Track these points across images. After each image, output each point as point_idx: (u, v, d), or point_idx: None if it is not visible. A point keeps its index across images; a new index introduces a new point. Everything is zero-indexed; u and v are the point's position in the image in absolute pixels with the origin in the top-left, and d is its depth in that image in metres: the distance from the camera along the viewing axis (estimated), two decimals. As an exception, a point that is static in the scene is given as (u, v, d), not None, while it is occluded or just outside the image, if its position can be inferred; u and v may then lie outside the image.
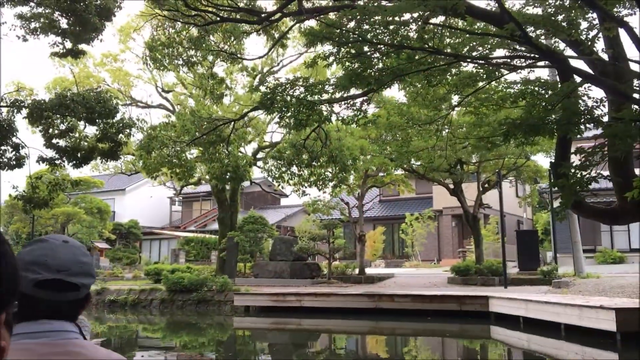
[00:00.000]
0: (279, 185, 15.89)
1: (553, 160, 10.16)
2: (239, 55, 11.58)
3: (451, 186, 21.22)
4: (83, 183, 27.87)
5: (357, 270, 22.04)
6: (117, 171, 23.58)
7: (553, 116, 8.00)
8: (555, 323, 10.87)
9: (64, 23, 12.33)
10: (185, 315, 17.91)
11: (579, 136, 10.19)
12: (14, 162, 10.81)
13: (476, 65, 9.43)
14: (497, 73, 9.20)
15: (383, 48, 8.70)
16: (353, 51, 8.86)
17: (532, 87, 8.97)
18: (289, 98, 8.79)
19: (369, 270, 23.98)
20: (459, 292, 15.17)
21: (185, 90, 20.80)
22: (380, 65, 9.37)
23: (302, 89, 8.80)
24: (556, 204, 23.47)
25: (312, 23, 11.53)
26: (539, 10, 9.36)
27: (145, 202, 42.87)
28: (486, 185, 21.63)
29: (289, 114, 8.83)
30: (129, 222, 36.47)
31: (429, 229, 30.94)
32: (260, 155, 22.77)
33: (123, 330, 16.76)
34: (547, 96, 8.36)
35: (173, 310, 18.58)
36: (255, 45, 47.49)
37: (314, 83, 8.83)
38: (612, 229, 27.02)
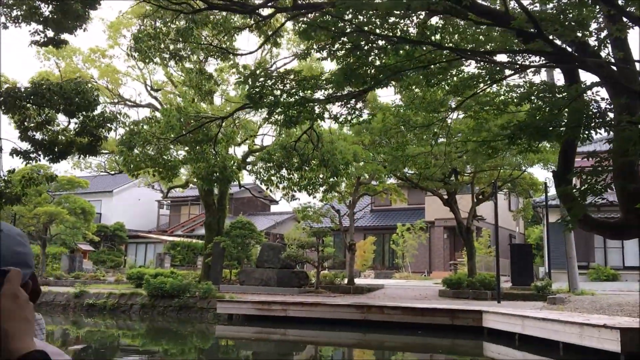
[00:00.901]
0: (267, 188, 15.29)
1: (556, 170, 9.64)
2: (229, 50, 11.02)
3: (445, 196, 20.71)
4: (59, 179, 27.25)
5: (346, 280, 21.44)
6: (100, 170, 22.89)
7: (560, 119, 7.49)
8: (553, 341, 10.31)
9: (46, 10, 11.75)
10: (165, 322, 17.22)
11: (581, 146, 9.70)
12: (-14, 155, 10.18)
13: (478, 65, 8.93)
14: (499, 75, 8.70)
15: (381, 43, 8.18)
16: (349, 45, 8.34)
17: (537, 89, 8.48)
18: (278, 93, 8.24)
19: (358, 281, 23.39)
20: (451, 306, 14.60)
21: (175, 90, 20.21)
22: (378, 62, 8.86)
23: (293, 84, 8.26)
24: (552, 218, 23.12)
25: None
26: (545, 9, 8.89)
27: (132, 204, 42.14)
28: (480, 197, 21.12)
29: (279, 109, 8.28)
30: (115, 224, 35.69)
31: (420, 240, 30.42)
32: (251, 159, 22.18)
33: (101, 335, 16.05)
34: (553, 99, 7.84)
35: (153, 316, 17.87)
36: (247, 43, 47.02)
37: (306, 77, 8.28)
38: (605, 245, 26.64)
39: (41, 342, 1.19)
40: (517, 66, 8.31)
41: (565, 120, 7.07)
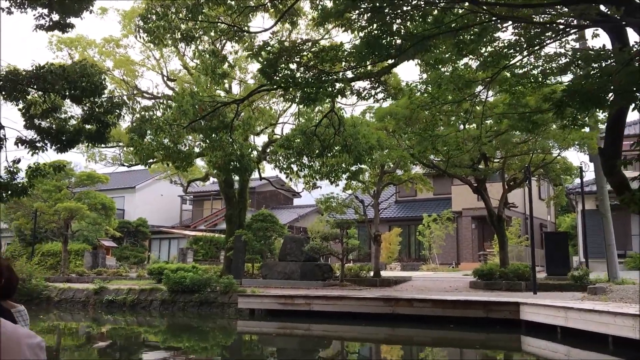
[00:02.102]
0: (287, 177, 14.59)
1: (602, 147, 8.73)
2: (242, 29, 10.31)
3: (474, 184, 19.81)
4: (79, 174, 26.95)
5: (371, 273, 20.69)
6: (115, 161, 22.44)
7: (611, 86, 6.62)
8: (601, 335, 9.44)
9: (51, -7, 11.18)
10: (186, 318, 16.68)
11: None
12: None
13: (515, 32, 8.08)
14: (539, 39, 7.83)
15: (406, 8, 7.38)
16: (369, 14, 7.56)
17: (581, 57, 7.60)
18: (294, 66, 7.52)
19: (384, 273, 22.65)
20: (484, 298, 13.76)
21: (191, 79, 19.63)
22: (403, 32, 8.06)
23: (310, 56, 7.51)
24: (588, 205, 22.02)
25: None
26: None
27: (155, 200, 41.99)
28: (512, 184, 20.15)
29: (295, 85, 7.55)
30: (137, 220, 35.42)
31: (447, 230, 29.48)
32: (271, 149, 21.52)
33: (122, 332, 15.59)
34: (603, 64, 6.98)
35: (173, 312, 17.35)
36: (264, 27, 46.09)
37: (325, 48, 7.53)
38: (643, 232, 25.50)
39: (11, 324, 1.27)
40: (562, 26, 7.43)
41: (624, 82, 6.18)
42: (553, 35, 7.97)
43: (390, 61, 8.35)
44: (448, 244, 30.74)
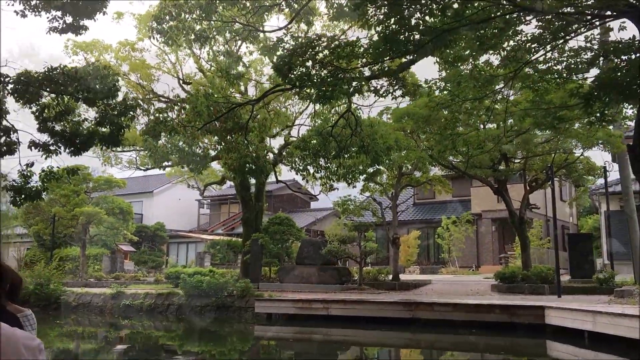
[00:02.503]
0: (303, 179, 14.36)
1: (630, 144, 8.37)
2: (256, 27, 10.13)
3: (495, 185, 19.41)
4: (97, 179, 27.02)
5: (390, 276, 20.35)
6: (131, 165, 22.39)
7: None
8: (631, 340, 9.04)
9: (65, -4, 11.09)
10: (203, 322, 16.52)
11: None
12: (4, 149, 9.59)
13: (539, 24, 7.77)
14: (565, 32, 7.50)
15: (425, 0, 7.12)
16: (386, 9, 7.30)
17: (609, 48, 7.28)
18: (310, 63, 7.29)
19: (403, 277, 22.28)
20: (507, 302, 13.38)
21: (207, 81, 19.47)
22: (421, 26, 7.78)
23: (326, 52, 7.28)
24: (612, 205, 21.49)
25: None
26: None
27: (173, 204, 42.05)
28: (533, 184, 19.71)
29: (310, 82, 7.33)
30: (155, 224, 35.46)
31: (467, 233, 29.01)
32: (287, 151, 21.29)
33: (139, 337, 15.48)
34: (633, 57, 6.65)
35: (190, 316, 17.20)
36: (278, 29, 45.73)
37: (341, 44, 7.29)
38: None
39: (9, 327, 1.24)
40: (588, 17, 7.11)
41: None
42: (578, 28, 7.64)
43: (408, 57, 8.08)
44: (468, 247, 30.25)
